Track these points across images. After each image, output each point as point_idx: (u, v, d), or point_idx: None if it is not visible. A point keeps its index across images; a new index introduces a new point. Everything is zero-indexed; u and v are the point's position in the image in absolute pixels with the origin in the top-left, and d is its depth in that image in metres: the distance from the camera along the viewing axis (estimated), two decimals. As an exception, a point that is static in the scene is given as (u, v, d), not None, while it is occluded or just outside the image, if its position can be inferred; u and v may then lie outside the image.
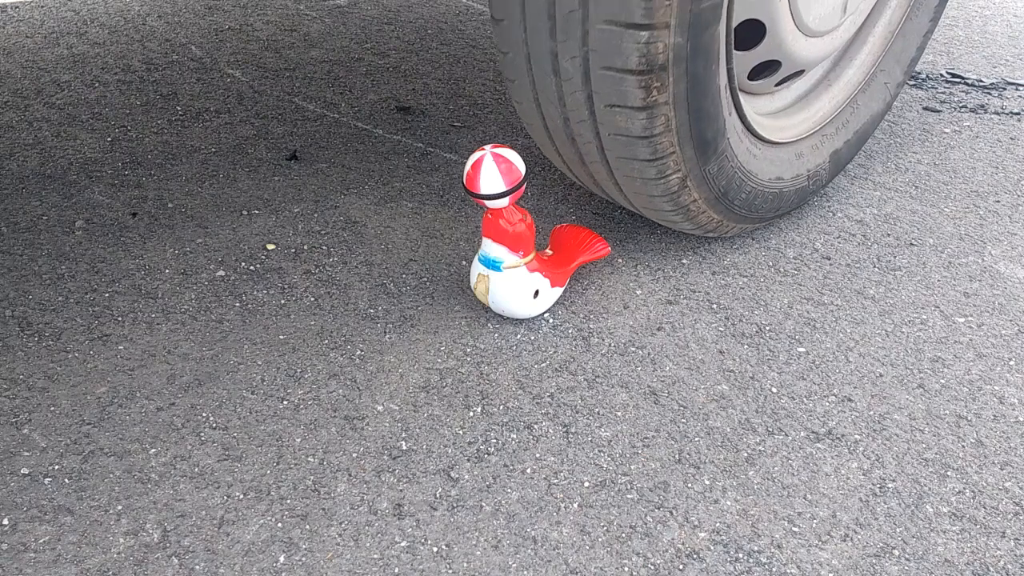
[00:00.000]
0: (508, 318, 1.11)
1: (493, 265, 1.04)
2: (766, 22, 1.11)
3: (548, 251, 1.16)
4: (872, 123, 1.45)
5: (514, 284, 1.05)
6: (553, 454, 0.91)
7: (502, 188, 0.97)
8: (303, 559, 0.78)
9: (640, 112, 0.95)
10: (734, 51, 1.07)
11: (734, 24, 1.04)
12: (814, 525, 0.83)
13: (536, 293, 1.07)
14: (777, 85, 1.26)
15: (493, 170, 0.97)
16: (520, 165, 0.99)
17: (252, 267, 1.21)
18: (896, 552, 0.81)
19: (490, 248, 1.04)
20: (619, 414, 0.97)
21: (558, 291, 1.12)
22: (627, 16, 0.87)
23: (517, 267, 1.05)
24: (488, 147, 0.98)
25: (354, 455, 0.90)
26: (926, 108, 1.91)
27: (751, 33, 1.12)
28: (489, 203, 1.00)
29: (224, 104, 1.74)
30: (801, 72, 1.27)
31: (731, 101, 1.08)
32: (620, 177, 1.08)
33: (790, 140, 1.27)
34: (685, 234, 1.34)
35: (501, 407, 0.97)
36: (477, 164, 0.98)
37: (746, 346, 1.09)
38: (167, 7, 2.30)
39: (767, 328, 1.12)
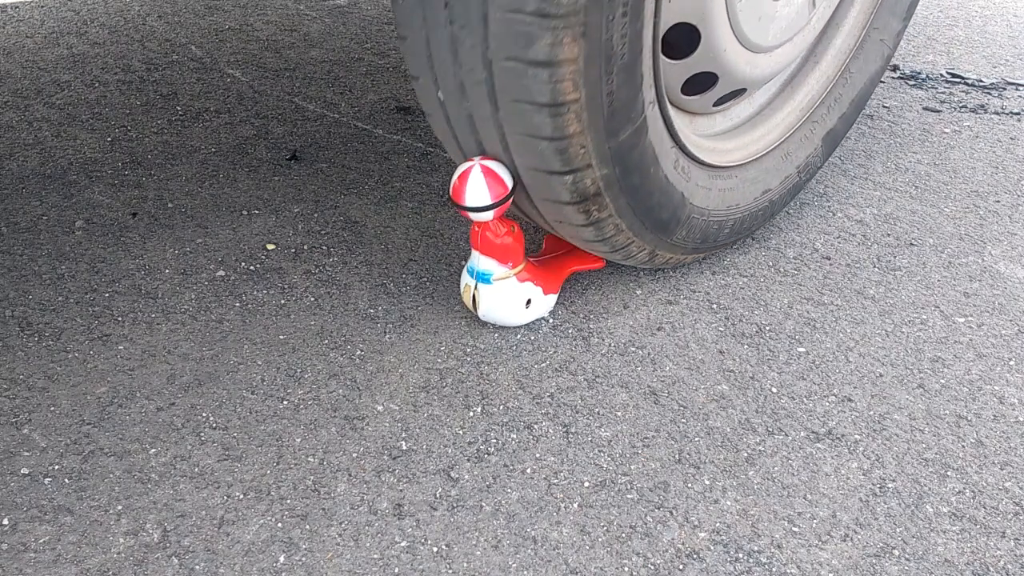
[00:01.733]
0: (508, 318, 1.11)
1: (482, 278, 1.03)
2: (700, 28, 1.01)
3: (540, 257, 1.15)
4: (870, 85, 1.36)
5: (505, 295, 1.04)
6: (553, 454, 0.91)
7: (487, 201, 0.94)
8: (303, 559, 0.78)
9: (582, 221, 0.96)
10: (667, 62, 1.01)
11: (663, 30, 0.96)
12: (814, 525, 0.83)
13: (528, 302, 1.07)
14: (717, 105, 1.16)
15: (480, 182, 0.93)
16: (508, 178, 0.95)
17: (252, 267, 1.21)
18: (896, 552, 0.81)
19: (479, 260, 1.03)
20: (619, 414, 0.97)
21: (552, 298, 1.11)
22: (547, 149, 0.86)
23: (507, 278, 1.04)
24: (477, 158, 0.95)
25: (354, 455, 0.90)
26: (926, 108, 1.92)
27: (685, 40, 1.03)
28: (474, 216, 0.97)
29: (224, 104, 1.74)
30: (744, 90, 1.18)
31: (678, 151, 1.03)
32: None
33: (770, 147, 1.22)
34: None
35: (501, 407, 0.97)
36: (464, 175, 0.94)
37: (746, 346, 1.09)
38: (167, 7, 2.30)
39: (767, 328, 1.12)
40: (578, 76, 0.80)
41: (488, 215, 0.97)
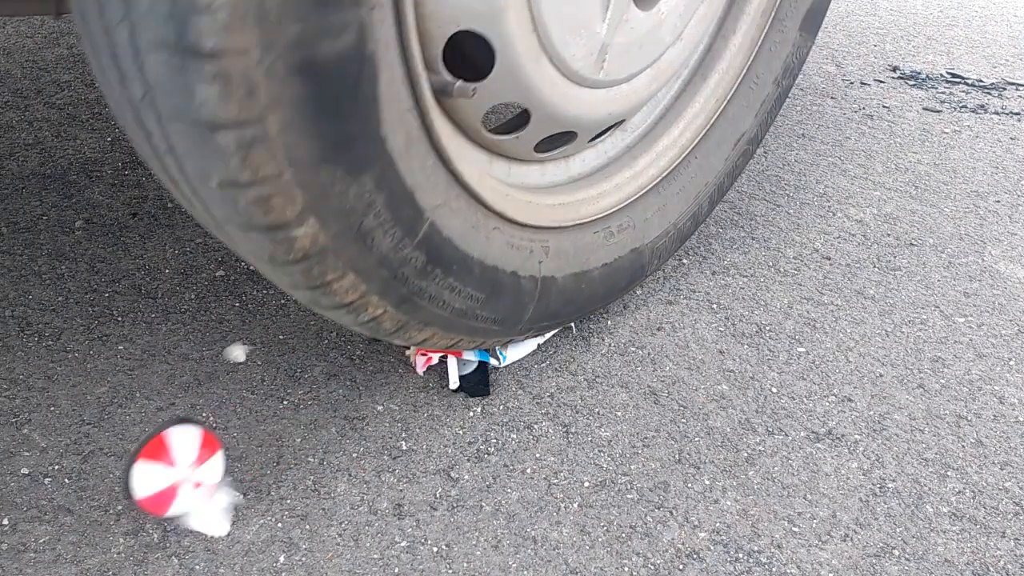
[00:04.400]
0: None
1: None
2: (491, 39, 0.76)
3: None
4: (789, 78, 1.21)
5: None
6: (553, 454, 0.91)
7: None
8: (303, 559, 0.78)
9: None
10: (465, 84, 0.77)
11: (446, 39, 0.74)
12: (814, 525, 0.83)
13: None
14: (543, 151, 0.94)
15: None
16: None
17: (252, 267, 1.21)
18: (896, 552, 0.81)
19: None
20: (619, 414, 0.97)
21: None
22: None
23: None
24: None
25: (354, 455, 0.90)
26: (926, 108, 1.92)
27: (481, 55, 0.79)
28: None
29: (224, 104, 1.74)
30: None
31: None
32: None
33: (652, 182, 1.06)
34: (685, 234, 1.34)
35: (501, 407, 0.97)
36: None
37: (746, 346, 1.09)
38: (167, 7, 2.29)
39: (767, 328, 1.12)
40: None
41: None
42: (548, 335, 1.06)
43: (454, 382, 0.97)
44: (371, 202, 0.69)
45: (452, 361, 0.98)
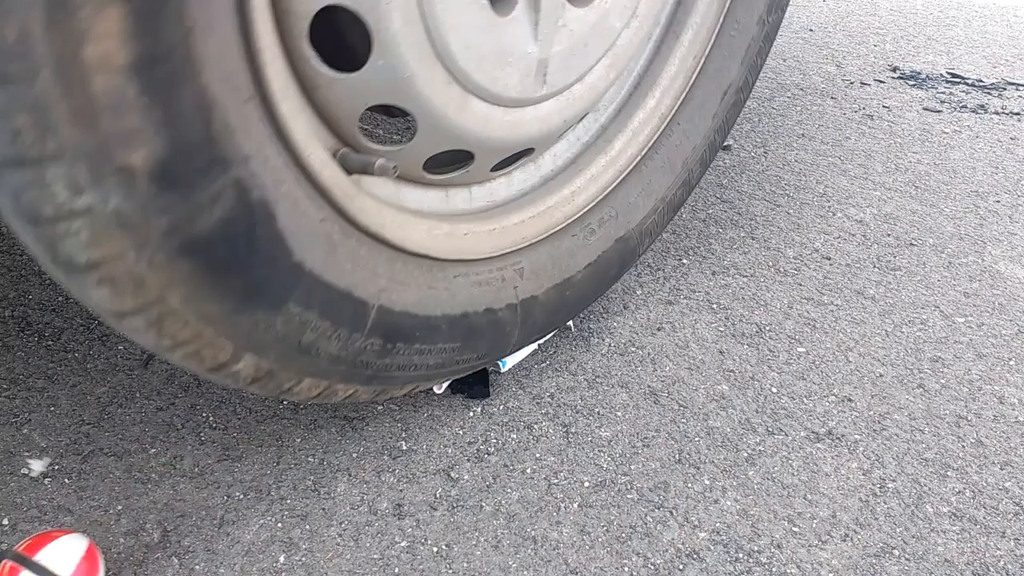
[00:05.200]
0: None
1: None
2: (367, 21, 0.65)
3: None
4: (776, 11, 1.10)
5: None
6: (553, 454, 0.91)
7: None
8: (303, 559, 0.78)
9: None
10: (328, 73, 0.66)
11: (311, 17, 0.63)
12: (814, 525, 0.83)
13: None
14: (434, 171, 0.82)
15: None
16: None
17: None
18: (896, 552, 0.81)
19: None
20: (619, 414, 0.97)
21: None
22: None
23: None
24: None
25: (354, 455, 0.90)
26: (926, 108, 1.92)
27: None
28: None
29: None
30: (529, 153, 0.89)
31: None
32: None
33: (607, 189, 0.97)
34: (684, 234, 1.34)
35: (501, 407, 0.97)
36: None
37: (746, 346, 1.09)
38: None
39: (767, 328, 1.12)
40: None
41: None
42: (547, 336, 1.06)
43: (441, 386, 0.97)
44: (304, 321, 0.68)
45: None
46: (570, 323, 1.09)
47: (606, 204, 0.99)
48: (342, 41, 0.69)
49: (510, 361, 1.01)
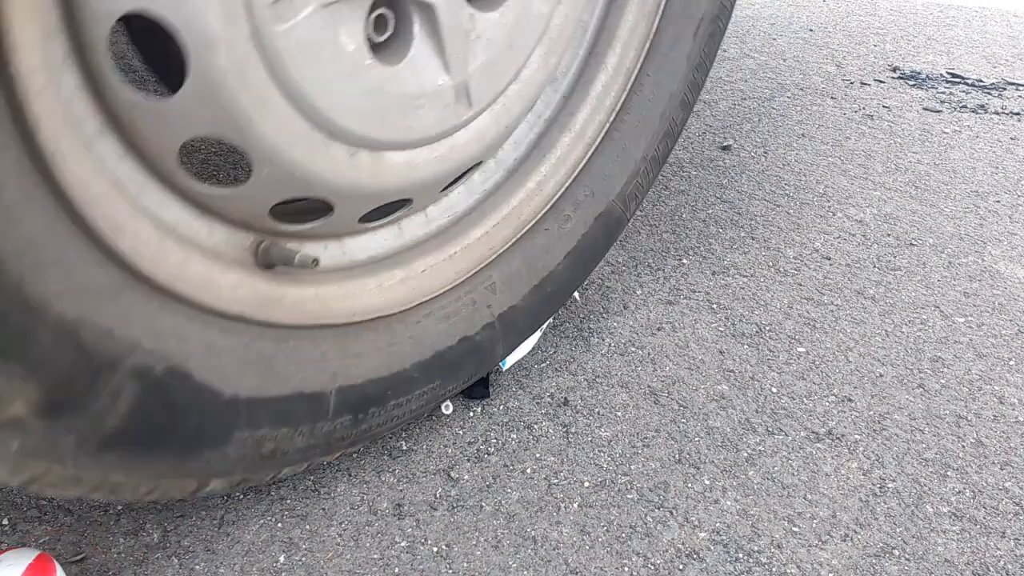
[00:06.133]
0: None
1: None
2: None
3: None
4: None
5: None
6: (553, 454, 0.91)
7: None
8: (303, 559, 0.78)
9: None
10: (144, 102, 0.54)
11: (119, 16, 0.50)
12: (814, 525, 0.83)
13: None
14: (290, 222, 0.69)
15: None
16: None
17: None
18: (896, 552, 0.81)
19: None
20: (619, 414, 0.97)
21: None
22: None
23: None
24: None
25: (354, 455, 0.90)
26: (926, 108, 1.92)
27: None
28: None
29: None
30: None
31: None
32: None
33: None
34: (684, 234, 1.35)
35: (501, 407, 0.97)
36: None
37: (746, 346, 1.09)
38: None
39: (767, 328, 1.12)
40: None
41: None
42: (544, 327, 1.06)
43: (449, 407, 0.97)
44: (258, 438, 0.67)
45: None
46: (576, 294, 1.06)
47: (579, 184, 0.90)
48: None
49: (510, 360, 1.01)
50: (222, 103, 0.54)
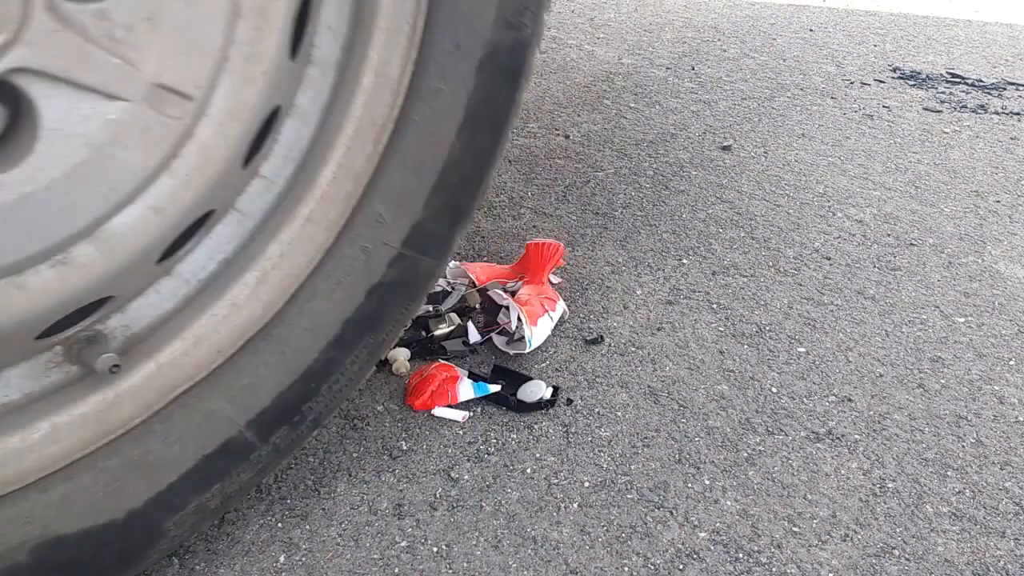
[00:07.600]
0: (508, 318, 1.11)
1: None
2: None
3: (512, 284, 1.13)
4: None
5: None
6: (553, 454, 0.91)
7: None
8: (303, 559, 0.78)
9: None
10: None
11: None
12: (814, 525, 0.83)
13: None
14: None
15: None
16: None
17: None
18: (896, 552, 0.81)
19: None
20: (619, 414, 0.97)
21: (548, 323, 1.07)
22: None
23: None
24: None
25: (354, 455, 0.90)
26: (926, 108, 1.92)
27: None
28: None
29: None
30: None
31: None
32: None
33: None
34: (684, 234, 1.34)
35: (501, 407, 0.97)
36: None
37: (746, 346, 1.09)
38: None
39: (767, 328, 1.12)
40: None
41: None
42: (559, 313, 1.06)
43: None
44: None
45: (466, 385, 0.98)
46: (564, 307, 1.07)
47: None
48: None
49: (536, 340, 1.03)
50: None
